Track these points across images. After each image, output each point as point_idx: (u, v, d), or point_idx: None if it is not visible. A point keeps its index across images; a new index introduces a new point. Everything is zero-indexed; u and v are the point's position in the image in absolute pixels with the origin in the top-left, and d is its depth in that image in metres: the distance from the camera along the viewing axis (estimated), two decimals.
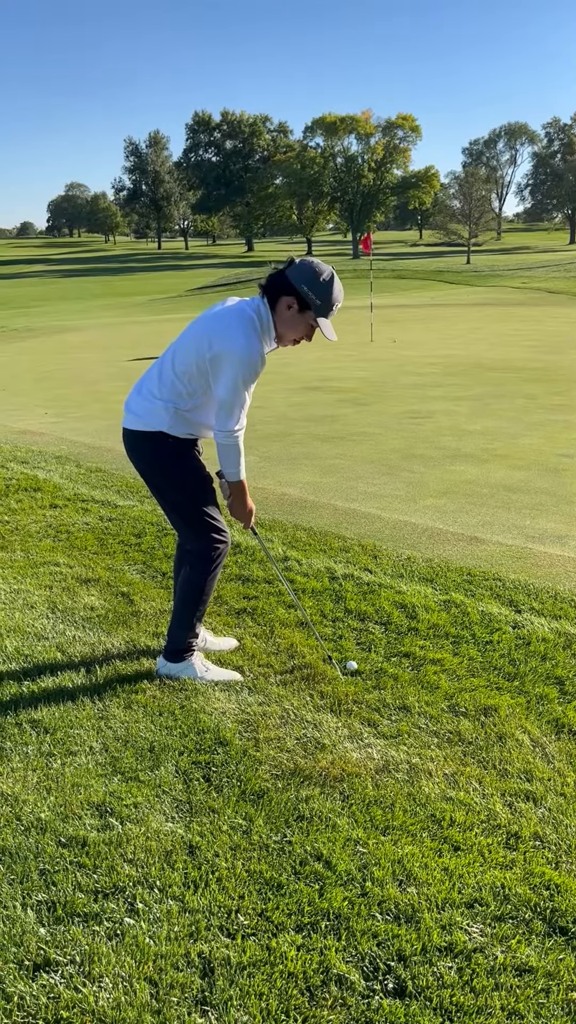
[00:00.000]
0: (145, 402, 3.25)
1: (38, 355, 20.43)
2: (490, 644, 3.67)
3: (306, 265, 3.10)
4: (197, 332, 3.16)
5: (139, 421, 3.26)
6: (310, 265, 3.10)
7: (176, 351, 3.21)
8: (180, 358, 3.18)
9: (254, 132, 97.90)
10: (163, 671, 3.43)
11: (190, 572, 3.37)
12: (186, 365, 3.15)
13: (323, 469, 7.12)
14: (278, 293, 3.09)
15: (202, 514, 3.30)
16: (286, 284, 3.07)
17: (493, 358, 15.13)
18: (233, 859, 2.34)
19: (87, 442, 8.55)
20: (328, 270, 3.12)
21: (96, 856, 2.35)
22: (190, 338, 3.17)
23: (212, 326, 3.13)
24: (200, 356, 3.10)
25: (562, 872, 2.29)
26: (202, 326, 3.17)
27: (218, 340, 3.07)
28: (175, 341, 3.25)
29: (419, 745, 2.91)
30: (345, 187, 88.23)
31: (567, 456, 7.36)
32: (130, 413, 3.30)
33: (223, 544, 3.35)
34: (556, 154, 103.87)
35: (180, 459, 3.28)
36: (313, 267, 3.09)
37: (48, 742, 2.95)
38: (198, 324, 3.20)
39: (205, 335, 3.12)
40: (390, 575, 4.50)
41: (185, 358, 3.16)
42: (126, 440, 3.36)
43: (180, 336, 3.24)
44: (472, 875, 2.28)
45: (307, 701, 3.21)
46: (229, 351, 3.04)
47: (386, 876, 2.27)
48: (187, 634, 3.40)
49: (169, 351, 3.26)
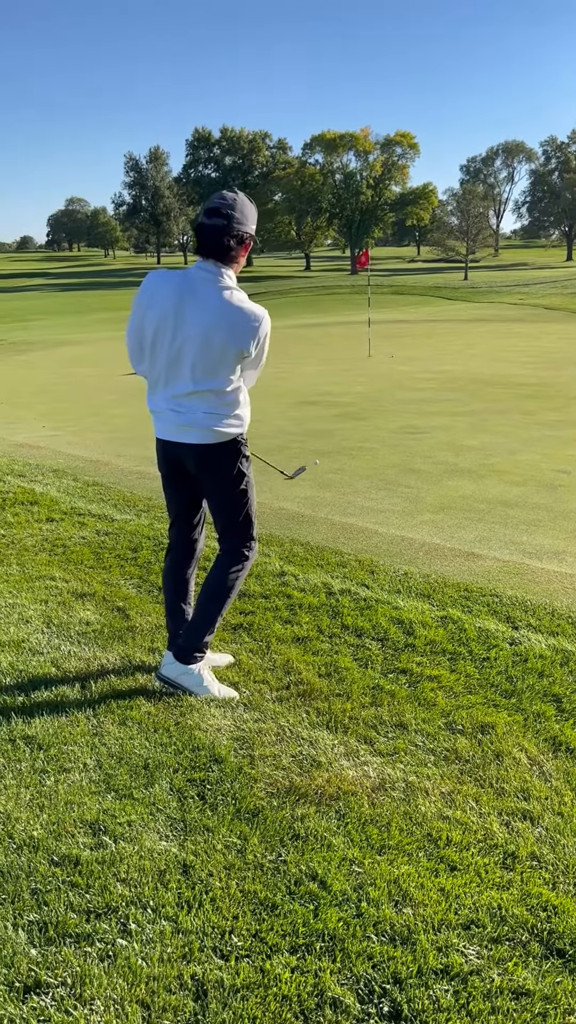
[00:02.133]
0: (207, 415, 3.25)
1: (36, 368, 20.47)
2: (487, 661, 3.66)
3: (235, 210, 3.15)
4: (216, 340, 3.14)
5: (210, 434, 3.27)
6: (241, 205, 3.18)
7: (196, 360, 3.18)
8: (209, 366, 3.18)
9: (253, 148, 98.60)
10: (166, 672, 3.41)
11: (224, 572, 3.43)
12: (224, 367, 3.19)
13: (320, 484, 7.12)
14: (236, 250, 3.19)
15: (252, 513, 3.46)
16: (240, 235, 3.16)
17: (490, 374, 15.18)
18: (227, 879, 2.32)
19: (85, 456, 8.55)
20: (224, 196, 3.20)
21: (89, 875, 2.32)
22: (212, 348, 3.15)
23: (231, 325, 3.14)
24: (239, 353, 3.18)
25: (559, 893, 2.27)
26: (215, 330, 3.13)
27: (244, 334, 3.15)
28: (177, 345, 3.19)
29: (416, 763, 2.89)
30: (344, 203, 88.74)
31: (564, 472, 7.37)
32: (195, 427, 3.27)
33: (256, 543, 3.53)
34: (553, 172, 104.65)
35: (247, 459, 3.42)
36: (246, 203, 3.21)
37: (42, 759, 2.93)
38: (201, 326, 3.14)
39: (231, 337, 3.14)
40: (387, 591, 4.49)
41: (220, 363, 3.18)
42: (195, 454, 3.32)
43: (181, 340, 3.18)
44: (469, 895, 2.25)
45: (303, 718, 3.19)
46: (263, 331, 3.20)
47: (382, 896, 2.24)
48: (208, 632, 3.42)
49: (186, 362, 3.20)
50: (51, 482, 7.27)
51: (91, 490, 6.93)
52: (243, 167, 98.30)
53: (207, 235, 3.14)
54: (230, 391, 3.27)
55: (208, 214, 3.15)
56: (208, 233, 3.13)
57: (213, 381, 3.23)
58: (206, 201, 3.25)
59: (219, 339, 3.15)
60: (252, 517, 3.47)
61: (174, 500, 3.57)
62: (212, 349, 3.16)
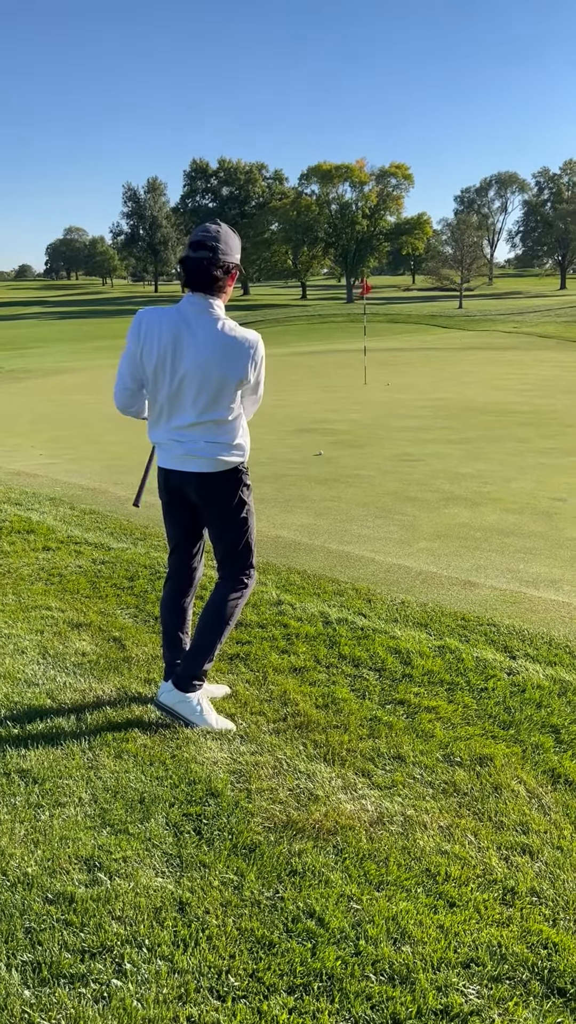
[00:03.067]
0: (209, 445, 3.29)
1: (34, 396, 20.54)
2: (485, 691, 3.64)
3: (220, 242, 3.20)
4: (215, 372, 3.19)
5: (212, 463, 3.31)
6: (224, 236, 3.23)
7: (197, 393, 3.22)
8: (209, 398, 3.22)
9: (250, 179, 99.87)
10: (164, 700, 3.40)
11: (224, 599, 3.44)
12: (225, 397, 3.24)
13: (317, 511, 7.13)
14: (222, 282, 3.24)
15: (251, 541, 3.49)
16: (226, 266, 3.22)
17: (485, 401, 15.27)
18: (224, 916, 2.29)
19: (82, 484, 8.56)
20: (208, 228, 3.25)
21: (84, 913, 2.29)
22: (211, 380, 3.19)
23: (227, 355, 3.19)
24: (238, 381, 3.23)
25: (560, 930, 2.24)
26: (212, 362, 3.18)
27: (241, 362, 3.20)
28: (177, 380, 3.23)
29: (414, 796, 2.87)
30: (339, 233, 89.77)
31: (559, 500, 7.39)
32: (197, 457, 3.30)
33: (255, 571, 3.56)
34: (546, 202, 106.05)
35: (248, 488, 3.45)
36: (229, 233, 3.26)
37: (36, 793, 2.90)
38: (198, 359, 3.18)
39: (228, 366, 3.19)
40: (384, 619, 4.48)
41: (220, 394, 3.23)
42: (198, 483, 3.35)
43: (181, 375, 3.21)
44: (468, 933, 2.23)
45: (300, 750, 3.17)
46: (258, 355, 3.26)
47: (380, 934, 2.21)
48: (207, 659, 3.41)
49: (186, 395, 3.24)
50: (48, 510, 7.27)
51: (88, 518, 6.93)
52: (240, 197, 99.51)
53: (194, 268, 3.19)
54: (231, 420, 3.31)
55: (193, 247, 3.20)
56: (195, 266, 3.19)
57: (214, 412, 3.26)
58: (190, 235, 3.30)
59: (217, 370, 3.19)
60: (252, 545, 3.50)
61: (174, 528, 3.58)
62: (211, 380, 3.20)
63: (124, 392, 3.39)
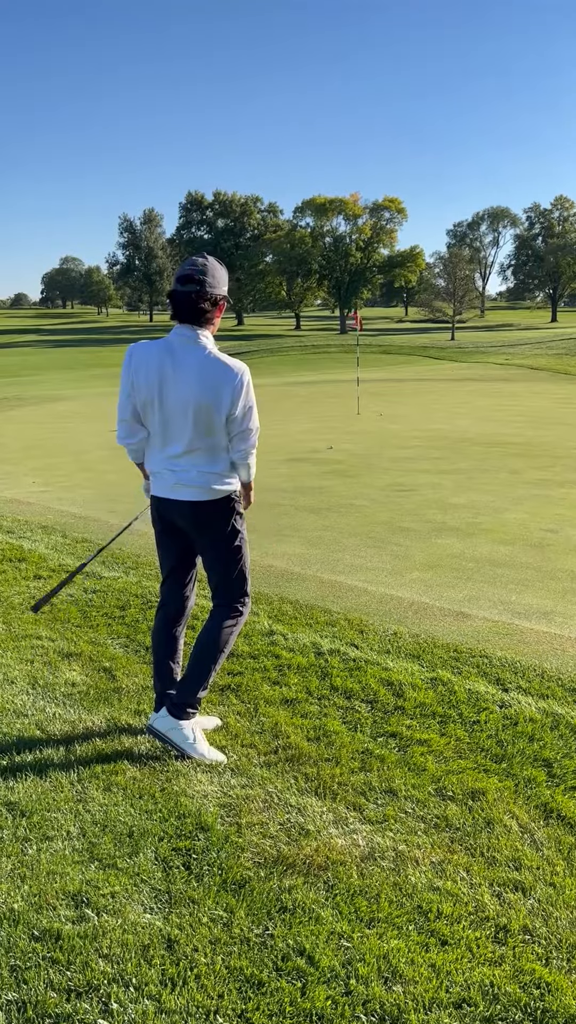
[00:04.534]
0: (202, 474, 3.32)
1: (28, 424, 20.58)
2: (477, 724, 3.63)
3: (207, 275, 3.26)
4: (201, 400, 3.22)
5: (204, 491, 3.34)
6: (211, 270, 3.29)
7: (187, 422, 3.26)
8: (200, 427, 3.26)
9: (245, 212, 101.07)
10: (157, 725, 3.38)
11: (218, 627, 3.44)
12: (215, 425, 3.26)
13: (309, 541, 7.13)
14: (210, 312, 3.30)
15: (245, 570, 3.50)
16: (213, 299, 3.28)
17: (477, 432, 15.37)
18: (213, 954, 2.25)
19: (74, 512, 8.55)
20: (195, 262, 3.31)
21: (70, 951, 2.25)
22: (199, 408, 3.23)
23: (212, 383, 3.22)
24: (225, 409, 3.24)
25: (553, 970, 2.21)
26: (200, 390, 3.22)
27: (225, 391, 3.22)
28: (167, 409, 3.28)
29: (405, 831, 2.84)
30: (333, 265, 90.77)
31: (551, 531, 7.42)
32: (190, 485, 3.33)
33: (250, 600, 3.55)
34: (537, 237, 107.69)
35: (241, 517, 3.47)
36: (216, 267, 3.33)
37: (24, 826, 2.86)
38: (186, 389, 3.22)
39: (215, 396, 3.22)
40: (376, 651, 4.47)
41: (210, 422, 3.26)
42: (189, 511, 3.38)
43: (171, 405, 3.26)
44: (460, 972, 2.20)
45: (291, 784, 3.14)
46: (243, 382, 3.25)
47: (371, 973, 2.18)
48: (201, 688, 3.41)
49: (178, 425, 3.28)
50: (40, 538, 7.25)
51: (80, 547, 6.92)
52: (235, 229, 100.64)
53: (181, 301, 3.26)
54: (223, 449, 3.34)
55: (181, 281, 3.26)
56: (182, 300, 3.25)
57: (206, 440, 3.30)
58: (178, 268, 3.36)
59: (202, 399, 3.24)
60: (246, 574, 3.51)
61: (167, 557, 3.59)
62: (198, 409, 3.25)
63: (122, 425, 3.46)
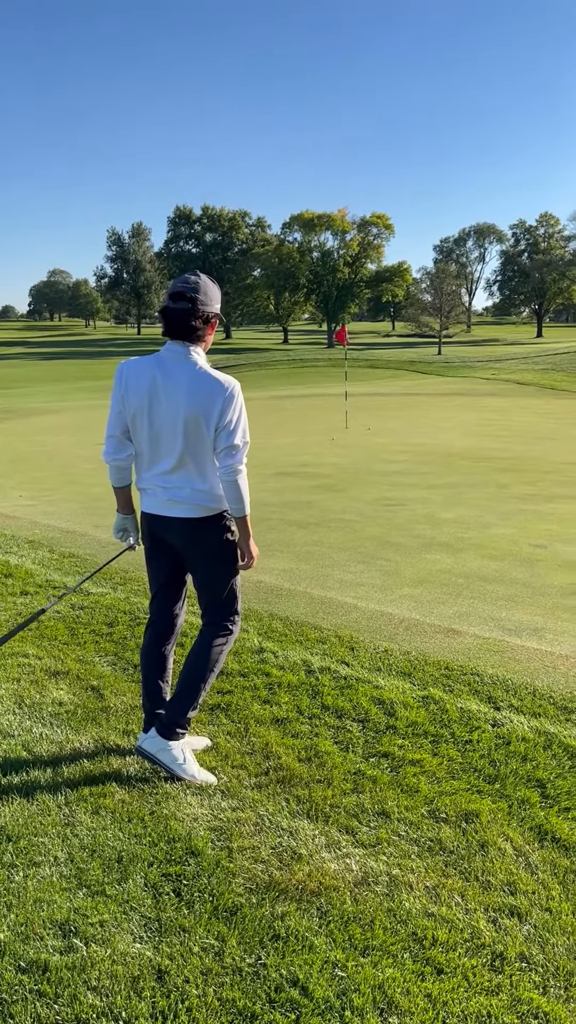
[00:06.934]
0: (193, 491, 3.28)
1: (14, 436, 20.48)
2: (470, 743, 3.59)
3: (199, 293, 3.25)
4: (191, 415, 3.19)
5: (197, 508, 3.30)
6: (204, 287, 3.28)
7: (178, 439, 3.23)
8: (190, 443, 3.23)
9: (233, 226, 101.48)
10: (146, 747, 3.33)
11: (208, 645, 3.40)
12: (205, 441, 3.22)
13: (298, 556, 7.10)
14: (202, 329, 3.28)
15: (236, 588, 3.45)
16: (205, 316, 3.26)
17: (464, 447, 15.41)
18: (204, 985, 2.20)
19: (61, 526, 8.49)
20: (187, 280, 3.29)
21: (58, 983, 2.19)
22: (188, 423, 3.20)
23: (203, 398, 3.18)
24: (216, 423, 3.19)
25: (550, 998, 2.17)
26: (190, 406, 3.19)
27: (215, 405, 3.18)
28: (157, 426, 3.25)
29: (399, 855, 2.80)
30: (321, 280, 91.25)
31: (540, 547, 7.42)
32: (182, 502, 3.30)
33: (240, 617, 3.50)
34: (523, 253, 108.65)
35: (232, 534, 3.39)
36: (209, 287, 3.31)
37: (11, 851, 2.80)
38: (177, 404, 3.20)
39: (205, 410, 3.18)
40: (368, 668, 4.43)
41: (200, 438, 3.22)
42: (181, 528, 3.34)
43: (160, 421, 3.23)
44: (456, 1002, 2.15)
45: (283, 806, 3.09)
46: (232, 396, 3.20)
47: (366, 1004, 2.14)
48: (191, 707, 3.35)
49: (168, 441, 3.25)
50: (26, 553, 7.18)
51: (67, 562, 6.85)
52: (223, 244, 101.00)
53: (173, 318, 3.25)
54: (215, 465, 3.30)
55: (173, 298, 3.25)
56: (174, 316, 3.24)
57: (196, 457, 3.26)
58: (170, 285, 3.34)
59: (192, 413, 3.21)
60: (237, 592, 3.47)
61: (157, 574, 3.55)
62: (188, 424, 3.22)
63: (110, 441, 3.41)
